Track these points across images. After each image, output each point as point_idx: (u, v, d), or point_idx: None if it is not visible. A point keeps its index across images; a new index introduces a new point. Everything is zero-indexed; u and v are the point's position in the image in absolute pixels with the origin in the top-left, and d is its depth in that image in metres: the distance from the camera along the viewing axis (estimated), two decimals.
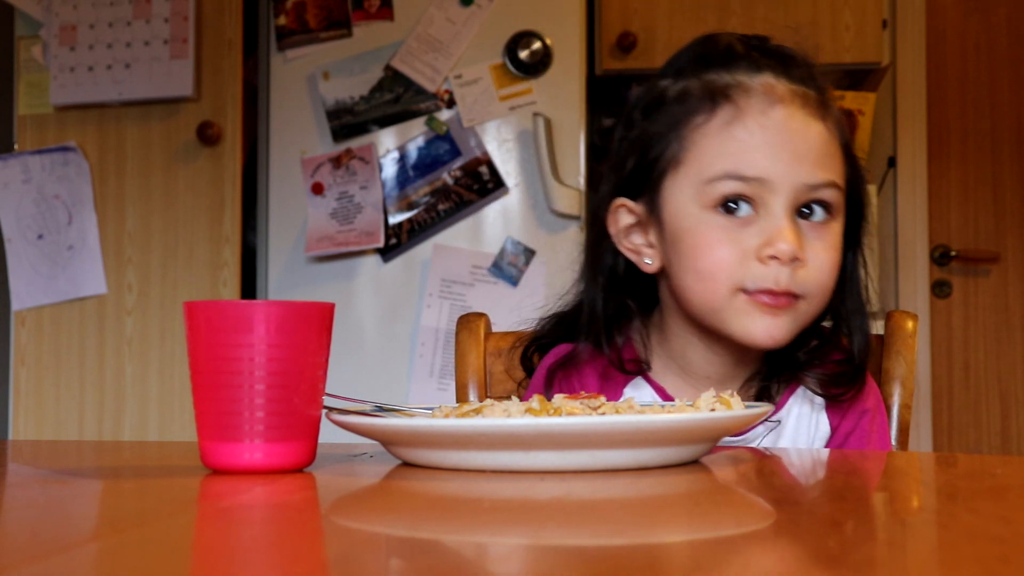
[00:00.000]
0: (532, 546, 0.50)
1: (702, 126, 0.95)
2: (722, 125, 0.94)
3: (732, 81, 0.95)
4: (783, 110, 0.93)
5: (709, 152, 0.94)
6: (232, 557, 0.49)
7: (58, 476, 0.76)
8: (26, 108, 2.57)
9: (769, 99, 0.94)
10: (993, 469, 0.76)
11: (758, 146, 0.92)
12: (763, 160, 0.92)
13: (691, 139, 0.95)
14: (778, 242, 0.91)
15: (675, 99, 0.98)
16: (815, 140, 0.94)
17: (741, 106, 0.94)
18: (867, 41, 2.68)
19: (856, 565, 0.46)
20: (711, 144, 0.94)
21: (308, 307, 0.74)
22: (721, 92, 0.95)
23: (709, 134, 0.94)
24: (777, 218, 0.92)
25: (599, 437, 0.69)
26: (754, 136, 0.93)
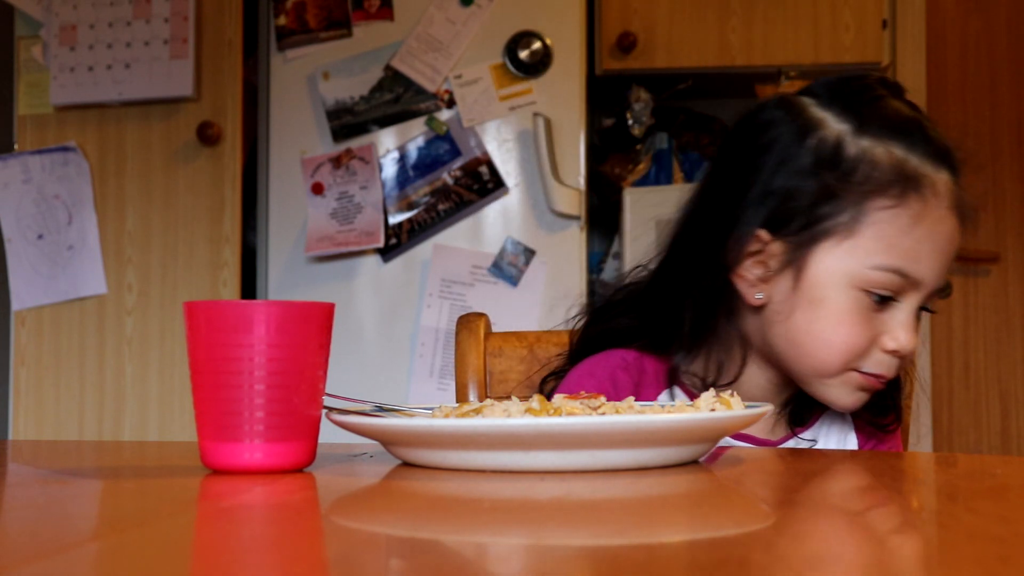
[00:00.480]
0: (532, 546, 0.50)
1: (886, 211, 0.94)
2: (906, 220, 0.93)
3: (921, 171, 0.95)
4: (952, 220, 0.95)
5: (885, 241, 0.94)
6: (232, 557, 0.49)
7: (58, 476, 0.76)
8: (26, 108, 2.57)
9: (946, 204, 0.95)
10: (993, 469, 0.76)
11: (929, 252, 0.94)
12: (927, 266, 0.94)
13: (871, 219, 0.94)
14: (903, 340, 0.95)
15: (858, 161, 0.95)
16: (955, 247, 0.97)
17: (927, 204, 0.94)
18: (867, 41, 2.68)
19: (856, 565, 0.46)
20: (889, 233, 0.94)
21: (308, 307, 0.74)
22: (912, 182, 0.94)
23: (891, 223, 0.94)
24: (909, 314, 0.95)
25: (599, 437, 0.69)
26: (929, 242, 0.94)
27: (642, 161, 2.70)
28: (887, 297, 0.94)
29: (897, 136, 0.96)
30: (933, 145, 0.96)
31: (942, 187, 0.95)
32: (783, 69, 2.67)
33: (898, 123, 0.96)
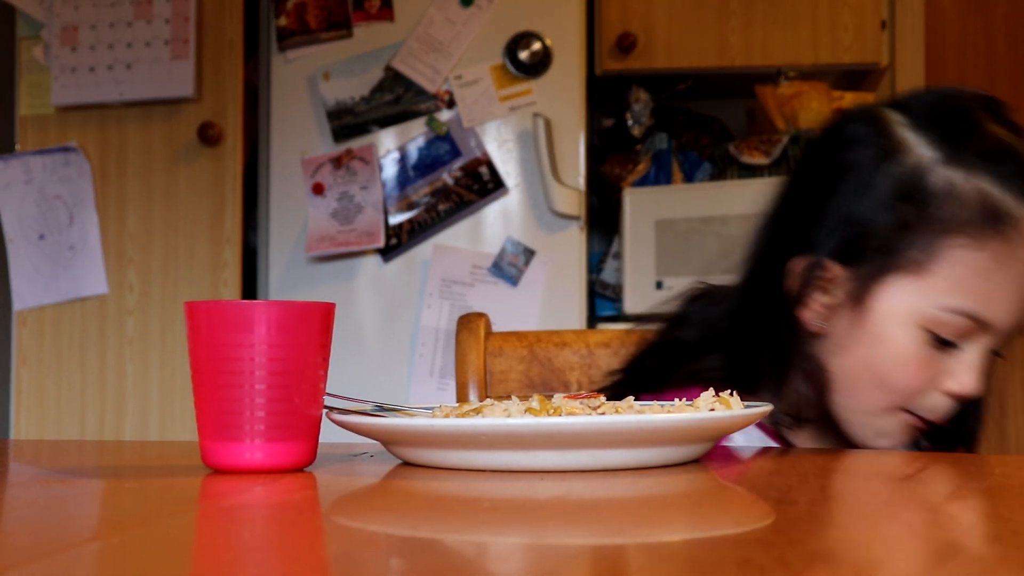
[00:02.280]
0: (532, 546, 0.50)
1: (963, 250, 0.88)
2: (985, 262, 0.87)
3: (1008, 209, 0.88)
4: None
5: (959, 282, 0.88)
6: (232, 557, 0.49)
7: (59, 476, 0.76)
8: (27, 108, 2.57)
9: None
10: (992, 469, 0.76)
11: (1006, 296, 0.88)
12: (1003, 310, 0.89)
13: (946, 257, 0.88)
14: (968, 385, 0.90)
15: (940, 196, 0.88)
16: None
17: (1011, 244, 0.87)
18: (866, 42, 2.68)
19: (856, 565, 0.46)
20: (966, 275, 0.88)
21: (308, 307, 0.74)
22: (997, 221, 0.87)
23: (969, 265, 0.88)
24: (977, 358, 0.90)
25: (599, 437, 0.69)
26: (1009, 284, 0.88)
27: (642, 161, 2.70)
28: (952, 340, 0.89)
29: (988, 168, 0.89)
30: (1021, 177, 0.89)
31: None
32: (782, 69, 2.67)
33: (992, 153, 0.89)
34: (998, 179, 0.88)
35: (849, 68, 2.78)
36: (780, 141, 2.58)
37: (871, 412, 0.92)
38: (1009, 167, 0.89)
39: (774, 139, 2.59)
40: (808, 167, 0.99)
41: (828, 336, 0.94)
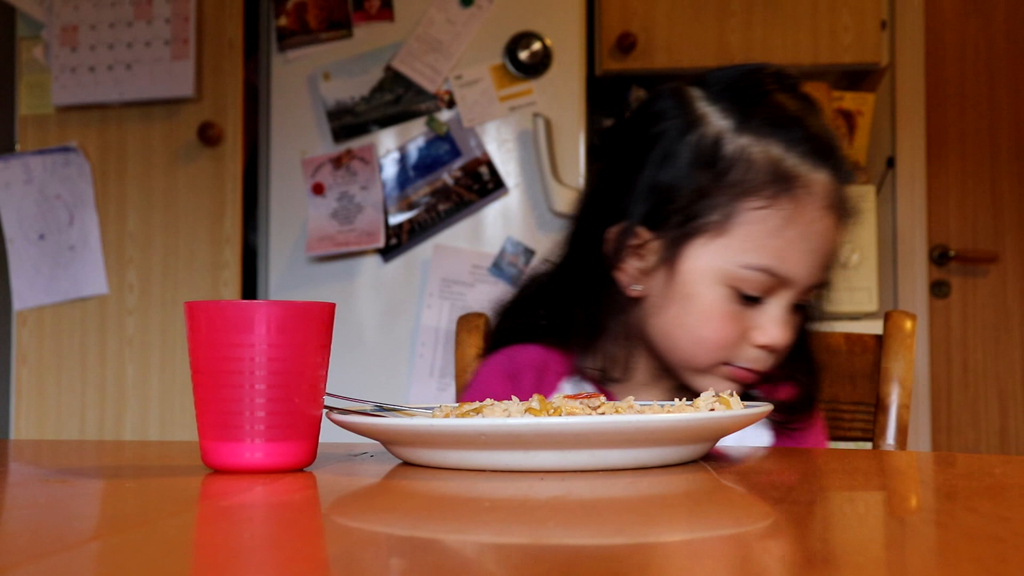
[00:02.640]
0: (532, 546, 0.50)
1: (757, 211, 0.94)
2: (777, 221, 0.94)
3: (797, 171, 0.95)
4: (831, 220, 0.96)
5: (755, 241, 0.94)
6: (232, 557, 0.49)
7: (59, 475, 0.76)
8: (27, 109, 2.57)
9: (823, 204, 0.95)
10: (992, 468, 0.76)
11: (800, 252, 0.94)
12: (798, 265, 0.95)
13: (742, 219, 0.95)
14: (773, 334, 0.96)
15: (734, 161, 0.95)
16: (833, 246, 0.97)
17: (800, 204, 0.94)
18: (866, 42, 2.68)
19: (856, 565, 0.46)
20: (759, 233, 0.94)
21: (309, 307, 0.75)
22: (786, 182, 0.94)
23: (762, 223, 0.94)
24: (780, 311, 0.96)
25: (599, 437, 0.69)
26: (801, 242, 0.94)
27: None
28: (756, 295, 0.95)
29: (777, 134, 0.96)
30: (814, 142, 0.96)
31: (818, 187, 0.95)
32: None
33: (780, 120, 0.96)
34: (786, 144, 0.95)
35: (849, 68, 2.78)
36: None
37: (696, 369, 0.99)
38: (796, 133, 0.95)
39: None
40: (621, 141, 1.05)
41: (646, 299, 1.00)
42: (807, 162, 0.95)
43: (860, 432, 1.18)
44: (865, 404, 1.18)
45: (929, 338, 2.98)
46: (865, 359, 1.18)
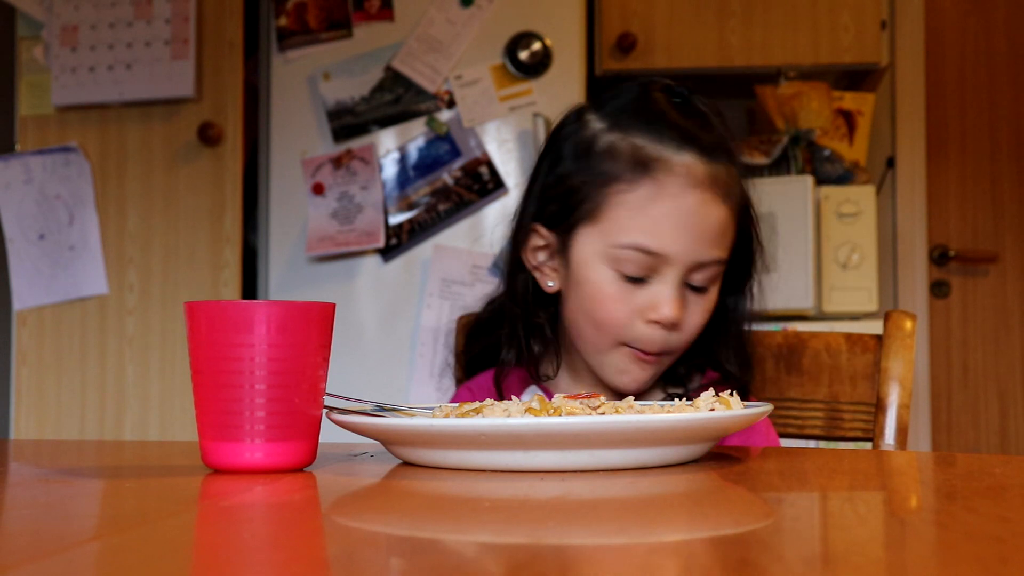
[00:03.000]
0: (532, 546, 0.50)
1: (623, 194, 1.02)
2: (641, 200, 1.01)
3: (657, 155, 1.02)
4: (698, 195, 1.01)
5: (624, 222, 1.02)
6: (232, 557, 0.49)
7: (59, 475, 0.76)
8: (27, 109, 2.57)
9: (687, 182, 1.01)
10: (992, 469, 0.76)
11: (668, 227, 1.01)
12: (669, 239, 1.01)
13: (610, 203, 1.03)
14: (664, 310, 1.01)
15: (603, 154, 1.04)
16: (716, 223, 1.02)
17: (661, 184, 1.01)
18: (866, 42, 2.68)
19: (856, 565, 0.46)
20: (627, 215, 1.02)
21: (309, 307, 0.75)
22: (645, 165, 1.02)
23: (627, 205, 1.02)
24: (668, 287, 1.02)
25: (599, 437, 0.69)
26: (666, 218, 1.01)
27: None
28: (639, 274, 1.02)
29: (642, 127, 1.03)
30: (677, 130, 1.03)
31: (681, 167, 1.01)
32: (782, 70, 2.67)
33: (646, 116, 1.04)
34: (648, 134, 1.03)
35: (849, 68, 2.78)
36: (780, 141, 2.58)
37: (599, 351, 1.05)
38: (658, 125, 1.03)
39: (774, 139, 2.59)
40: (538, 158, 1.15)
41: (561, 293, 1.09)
42: (669, 147, 1.02)
43: (860, 432, 1.18)
44: (865, 404, 1.18)
45: (929, 338, 2.98)
46: (865, 359, 1.18)
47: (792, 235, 2.42)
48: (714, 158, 1.03)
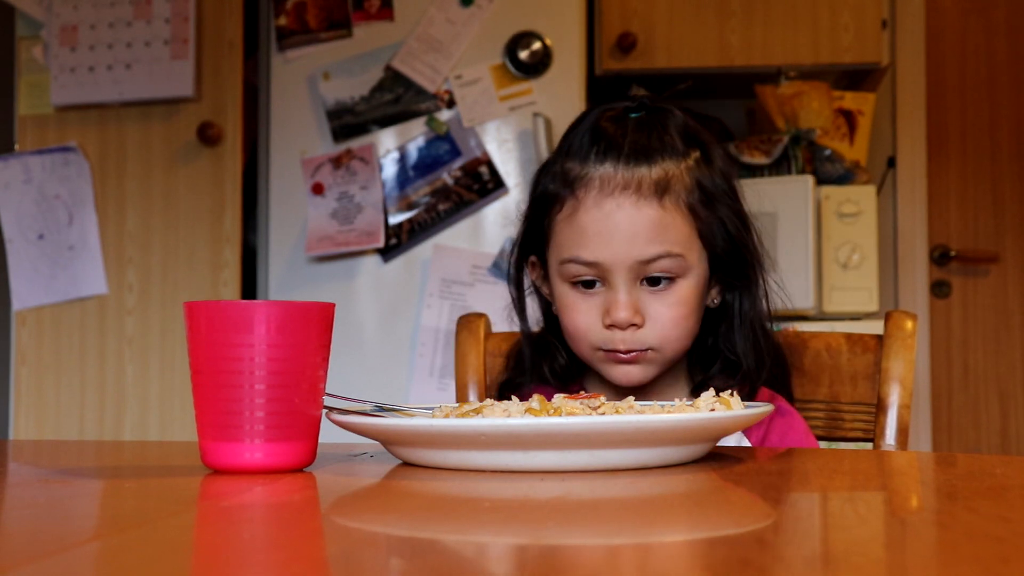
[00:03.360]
0: (532, 546, 0.50)
1: (555, 216, 1.10)
2: (567, 217, 1.09)
3: (579, 173, 1.08)
4: (613, 201, 1.06)
5: (560, 238, 1.10)
6: (232, 557, 0.49)
7: (59, 476, 0.76)
8: (27, 108, 2.57)
9: (603, 191, 1.07)
10: (992, 469, 0.76)
11: (592, 235, 1.06)
12: (596, 246, 1.06)
13: (551, 227, 1.11)
14: (614, 312, 1.06)
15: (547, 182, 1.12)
16: (645, 222, 1.06)
17: (580, 198, 1.08)
18: (866, 41, 2.68)
19: (856, 565, 0.46)
20: (561, 231, 1.09)
21: (308, 307, 0.74)
22: (568, 183, 1.09)
23: (559, 222, 1.10)
24: (617, 292, 1.07)
25: (599, 437, 0.69)
26: (589, 227, 1.07)
27: None
28: (590, 282, 1.08)
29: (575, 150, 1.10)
30: (599, 144, 1.09)
31: (597, 179, 1.07)
32: (783, 69, 2.67)
33: (574, 139, 1.11)
34: (577, 155, 1.10)
35: (849, 68, 2.78)
36: (780, 141, 2.58)
37: (586, 358, 1.11)
38: (581, 141, 1.10)
39: (774, 139, 2.59)
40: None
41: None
42: (588, 162, 1.08)
43: (861, 432, 1.18)
44: (865, 404, 1.18)
45: (930, 338, 2.98)
46: (866, 359, 1.18)
47: (793, 235, 2.42)
48: (635, 162, 1.07)
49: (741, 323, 1.13)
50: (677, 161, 1.09)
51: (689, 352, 1.14)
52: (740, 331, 1.12)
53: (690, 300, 1.08)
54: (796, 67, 2.69)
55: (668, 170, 1.08)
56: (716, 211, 1.10)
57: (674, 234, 1.07)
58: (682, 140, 1.10)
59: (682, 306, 1.08)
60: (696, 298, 1.09)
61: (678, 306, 1.08)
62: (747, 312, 1.13)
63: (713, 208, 1.10)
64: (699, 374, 1.14)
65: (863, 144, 2.76)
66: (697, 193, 1.09)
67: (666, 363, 1.10)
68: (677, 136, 1.10)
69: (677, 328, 1.08)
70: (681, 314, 1.08)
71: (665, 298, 1.07)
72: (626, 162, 1.08)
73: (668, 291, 1.08)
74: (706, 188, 1.09)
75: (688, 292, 1.08)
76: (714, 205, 1.10)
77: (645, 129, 1.10)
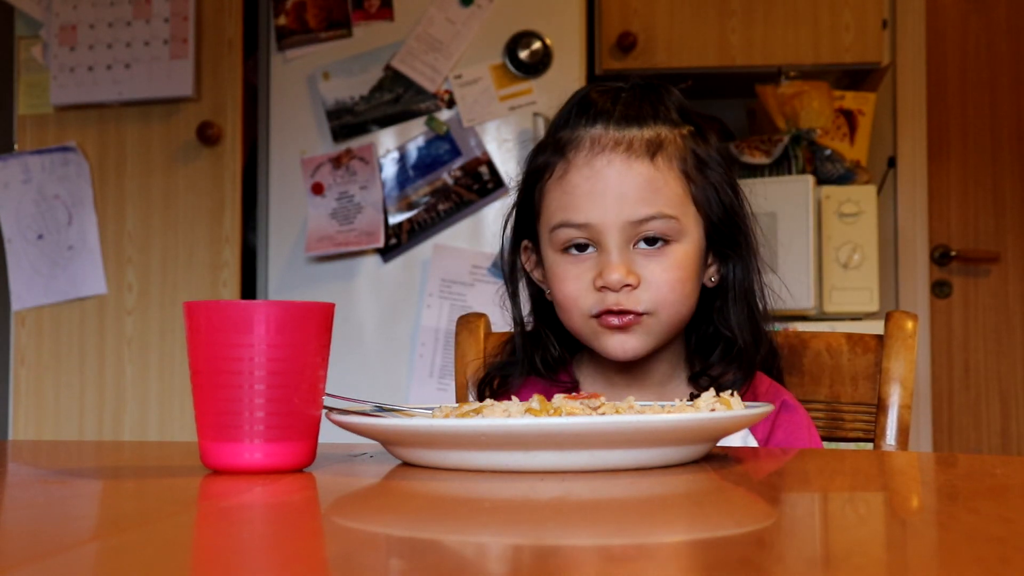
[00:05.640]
0: (532, 546, 0.50)
1: (546, 182, 1.08)
2: (556, 180, 1.07)
3: (569, 137, 1.07)
4: (603, 158, 1.05)
5: (551, 205, 1.08)
6: (232, 557, 0.49)
7: (58, 476, 0.76)
8: (26, 108, 2.56)
9: (593, 150, 1.05)
10: (993, 469, 0.76)
11: (582, 195, 1.05)
12: (587, 207, 1.04)
13: (541, 194, 1.09)
14: (607, 274, 1.03)
15: (534, 155, 1.11)
16: (637, 180, 1.04)
17: (570, 159, 1.06)
18: (867, 41, 2.68)
19: (856, 565, 0.46)
20: (551, 198, 1.08)
21: (308, 307, 0.74)
22: (558, 149, 1.08)
23: (550, 189, 1.08)
24: (609, 253, 1.04)
25: (599, 437, 0.69)
26: (579, 187, 1.05)
27: None
28: (582, 246, 1.05)
29: (563, 120, 1.10)
30: (581, 108, 1.08)
31: (587, 140, 1.06)
32: (783, 69, 2.67)
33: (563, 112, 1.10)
34: (564, 123, 1.09)
35: (850, 67, 2.78)
36: (781, 140, 2.58)
37: (580, 332, 1.08)
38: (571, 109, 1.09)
39: (775, 139, 2.59)
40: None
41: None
42: (576, 126, 1.07)
43: (861, 433, 1.18)
44: (866, 404, 1.18)
45: (930, 338, 2.98)
46: (866, 359, 1.18)
47: (793, 235, 2.42)
48: (627, 123, 1.06)
49: (735, 297, 1.10)
50: (670, 128, 1.07)
51: (688, 339, 1.12)
52: (735, 306, 1.10)
53: (686, 265, 1.05)
54: (796, 67, 2.69)
55: (660, 133, 1.06)
56: (709, 178, 1.08)
57: (667, 195, 1.05)
58: (677, 113, 1.09)
59: (678, 269, 1.05)
60: (693, 265, 1.06)
61: (674, 269, 1.05)
62: (741, 283, 1.10)
63: (706, 176, 1.08)
64: (699, 363, 1.12)
65: (863, 144, 2.76)
66: (691, 159, 1.07)
67: (662, 334, 1.07)
68: (672, 108, 1.09)
69: (673, 292, 1.05)
70: (677, 277, 1.05)
71: (660, 260, 1.04)
72: (617, 124, 1.06)
73: (663, 253, 1.05)
74: (700, 156, 1.08)
75: (684, 256, 1.05)
76: (707, 173, 1.08)
77: (637, 99, 1.09)
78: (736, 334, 1.09)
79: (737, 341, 1.08)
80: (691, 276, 1.06)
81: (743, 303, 1.10)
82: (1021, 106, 3.03)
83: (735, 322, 1.09)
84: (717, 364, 1.09)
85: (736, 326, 1.09)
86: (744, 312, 1.10)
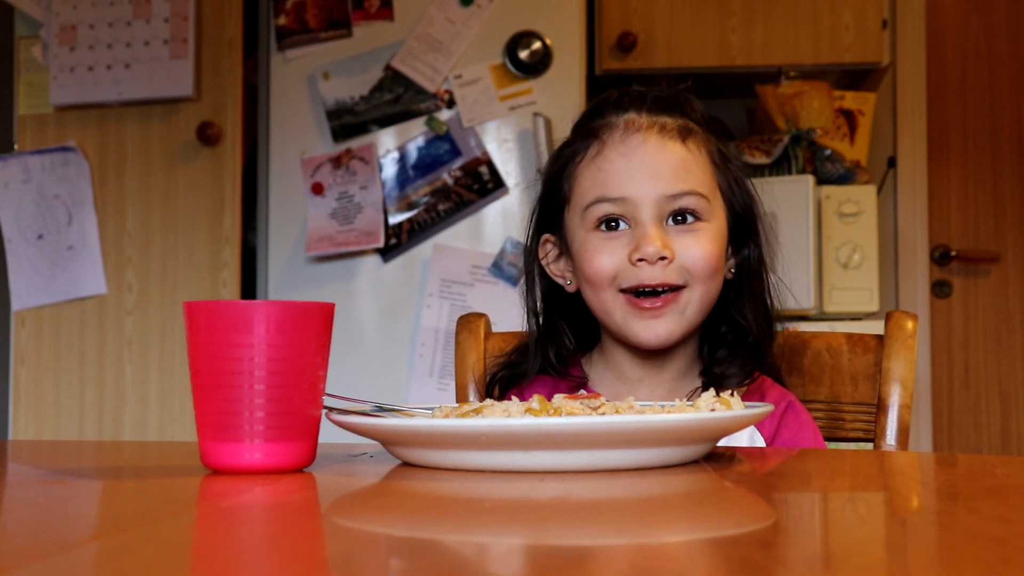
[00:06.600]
0: (532, 546, 0.50)
1: (578, 164, 1.11)
2: (591, 159, 1.10)
3: (598, 124, 1.12)
4: (639, 136, 1.09)
5: (584, 184, 1.10)
6: (232, 557, 0.49)
7: (58, 476, 0.76)
8: (26, 108, 2.56)
9: (628, 130, 1.10)
10: (993, 469, 0.76)
11: (618, 170, 1.08)
12: (623, 182, 1.07)
13: (573, 176, 1.12)
14: (644, 246, 1.05)
15: (563, 145, 1.15)
16: (671, 158, 1.08)
17: (605, 140, 1.10)
18: (867, 41, 2.68)
19: (856, 565, 0.46)
20: (585, 176, 1.11)
21: (308, 307, 0.74)
22: (590, 134, 1.12)
23: (582, 171, 1.11)
24: (644, 228, 1.06)
25: (599, 437, 0.69)
26: (615, 163, 1.08)
27: None
28: (616, 224, 1.08)
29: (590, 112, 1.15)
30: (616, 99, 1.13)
31: (622, 123, 1.10)
32: (783, 69, 2.67)
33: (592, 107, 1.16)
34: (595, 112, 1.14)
35: (850, 67, 2.78)
36: (781, 140, 2.58)
37: (607, 312, 1.09)
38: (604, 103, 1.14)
39: (775, 139, 2.59)
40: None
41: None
42: (609, 113, 1.12)
43: (861, 433, 1.18)
44: (866, 404, 1.18)
45: (930, 338, 2.98)
46: (866, 359, 1.18)
47: (793, 235, 2.42)
48: (658, 110, 1.11)
49: (751, 290, 1.12)
50: (698, 122, 1.13)
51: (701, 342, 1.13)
52: (750, 299, 1.12)
53: (717, 242, 1.08)
54: (797, 67, 2.69)
55: (690, 123, 1.11)
56: (732, 171, 1.12)
57: (698, 175, 1.08)
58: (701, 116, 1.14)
59: (711, 244, 1.07)
60: (721, 244, 1.09)
61: (707, 243, 1.07)
62: (756, 272, 1.13)
63: (729, 169, 1.12)
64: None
65: (863, 144, 2.76)
66: (717, 152, 1.12)
67: (693, 317, 1.08)
68: (697, 110, 1.14)
69: (707, 267, 1.07)
70: (710, 251, 1.07)
71: (694, 237, 1.07)
72: (649, 110, 1.11)
73: (695, 229, 1.07)
74: (723, 152, 1.13)
75: (715, 233, 1.08)
76: (730, 166, 1.13)
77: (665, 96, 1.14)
78: (751, 324, 1.11)
79: (752, 330, 1.10)
80: (720, 255, 1.08)
81: (759, 296, 1.12)
82: (1021, 106, 3.03)
83: (750, 313, 1.11)
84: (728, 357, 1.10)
85: (751, 318, 1.11)
86: (759, 305, 1.12)
